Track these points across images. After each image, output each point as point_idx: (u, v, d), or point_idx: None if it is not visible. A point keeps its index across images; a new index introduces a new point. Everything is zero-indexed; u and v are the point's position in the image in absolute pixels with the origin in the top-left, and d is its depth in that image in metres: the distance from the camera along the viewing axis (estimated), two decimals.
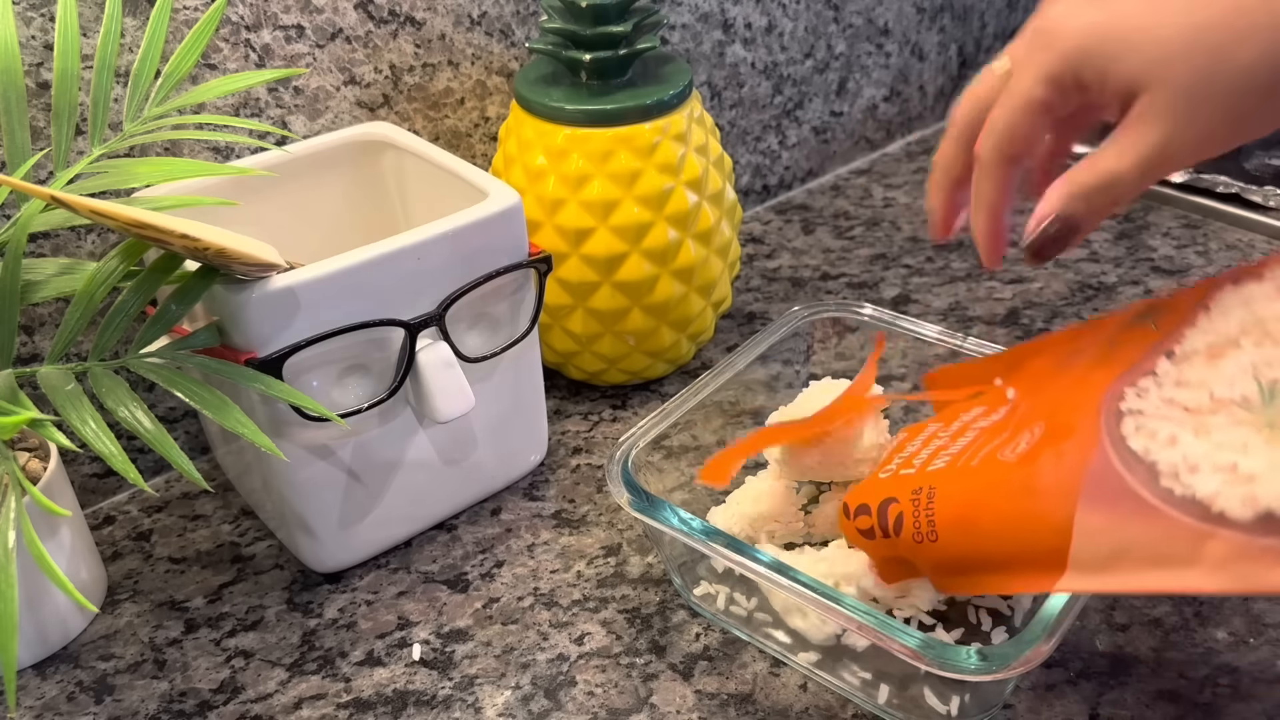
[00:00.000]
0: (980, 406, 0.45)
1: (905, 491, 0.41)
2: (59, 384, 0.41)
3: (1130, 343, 0.39)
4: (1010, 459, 0.38)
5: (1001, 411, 0.43)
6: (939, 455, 0.42)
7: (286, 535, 0.51)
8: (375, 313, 0.46)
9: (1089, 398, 0.37)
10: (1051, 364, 0.43)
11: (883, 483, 0.42)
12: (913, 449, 0.44)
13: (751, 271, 0.75)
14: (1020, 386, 0.44)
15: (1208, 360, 0.35)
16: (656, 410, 0.50)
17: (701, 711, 0.44)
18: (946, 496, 0.39)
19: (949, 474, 0.40)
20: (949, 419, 0.45)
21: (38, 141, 0.50)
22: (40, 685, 0.47)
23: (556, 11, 0.57)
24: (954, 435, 0.43)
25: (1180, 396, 0.35)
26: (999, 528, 0.37)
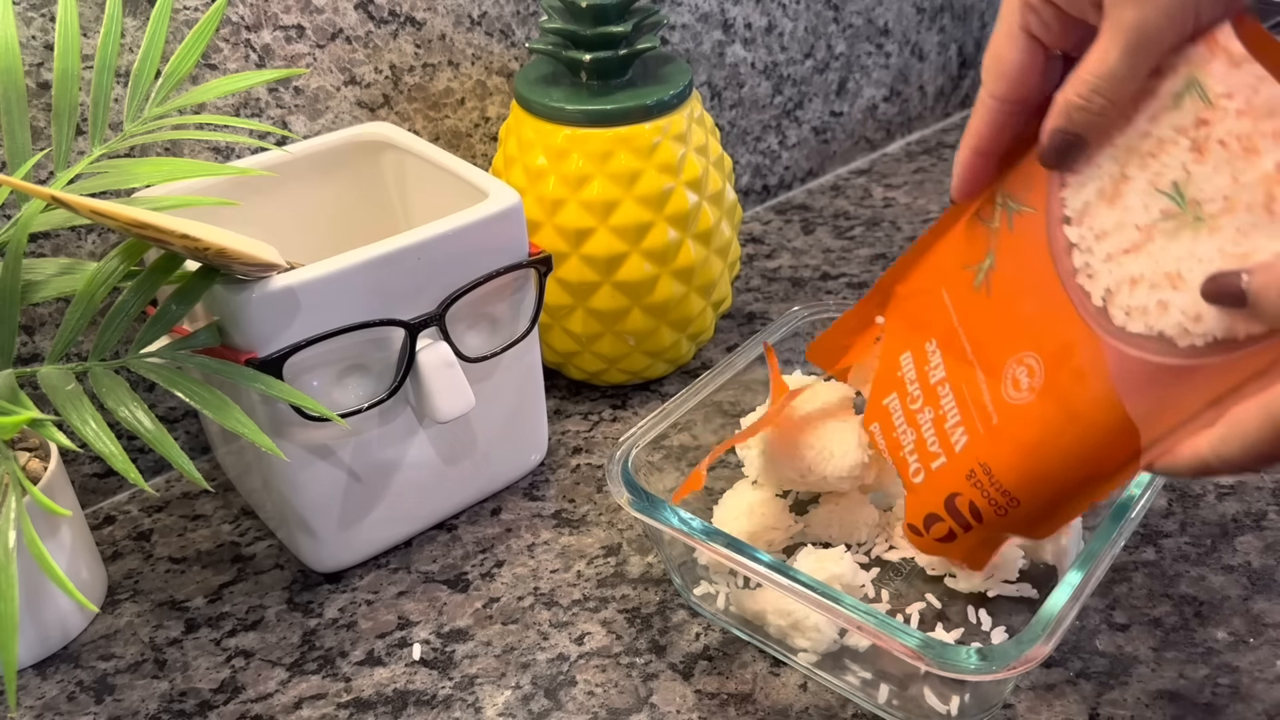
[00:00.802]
0: (907, 361, 0.44)
1: (958, 481, 0.40)
2: (59, 384, 0.41)
3: (1015, 245, 0.39)
4: (1028, 399, 0.38)
5: (935, 354, 0.43)
6: (951, 431, 0.41)
7: (287, 535, 0.52)
8: (375, 313, 0.46)
9: (1058, 310, 0.38)
10: (927, 282, 0.44)
11: (927, 486, 0.42)
12: (912, 440, 0.43)
13: (751, 271, 0.75)
14: (904, 314, 0.45)
15: (1109, 205, 0.36)
16: (656, 410, 0.50)
17: (701, 711, 0.44)
18: (1002, 464, 0.39)
19: (984, 444, 0.40)
20: (897, 391, 0.44)
21: (38, 141, 0.50)
22: (40, 685, 0.47)
23: (556, 11, 0.57)
24: (931, 403, 0.43)
25: (1110, 247, 0.36)
26: (1067, 461, 0.38)
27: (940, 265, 0.44)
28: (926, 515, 0.42)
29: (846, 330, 0.48)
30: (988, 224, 0.41)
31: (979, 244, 0.42)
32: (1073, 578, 0.40)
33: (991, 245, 0.41)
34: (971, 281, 0.42)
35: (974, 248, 0.42)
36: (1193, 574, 0.49)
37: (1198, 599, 0.48)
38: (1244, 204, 0.33)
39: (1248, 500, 0.53)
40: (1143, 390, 0.35)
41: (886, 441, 0.45)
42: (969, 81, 0.97)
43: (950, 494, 0.41)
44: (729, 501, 0.51)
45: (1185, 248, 0.34)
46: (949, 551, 0.42)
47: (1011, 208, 0.40)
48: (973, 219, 0.42)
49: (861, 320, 0.48)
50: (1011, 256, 0.40)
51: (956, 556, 0.43)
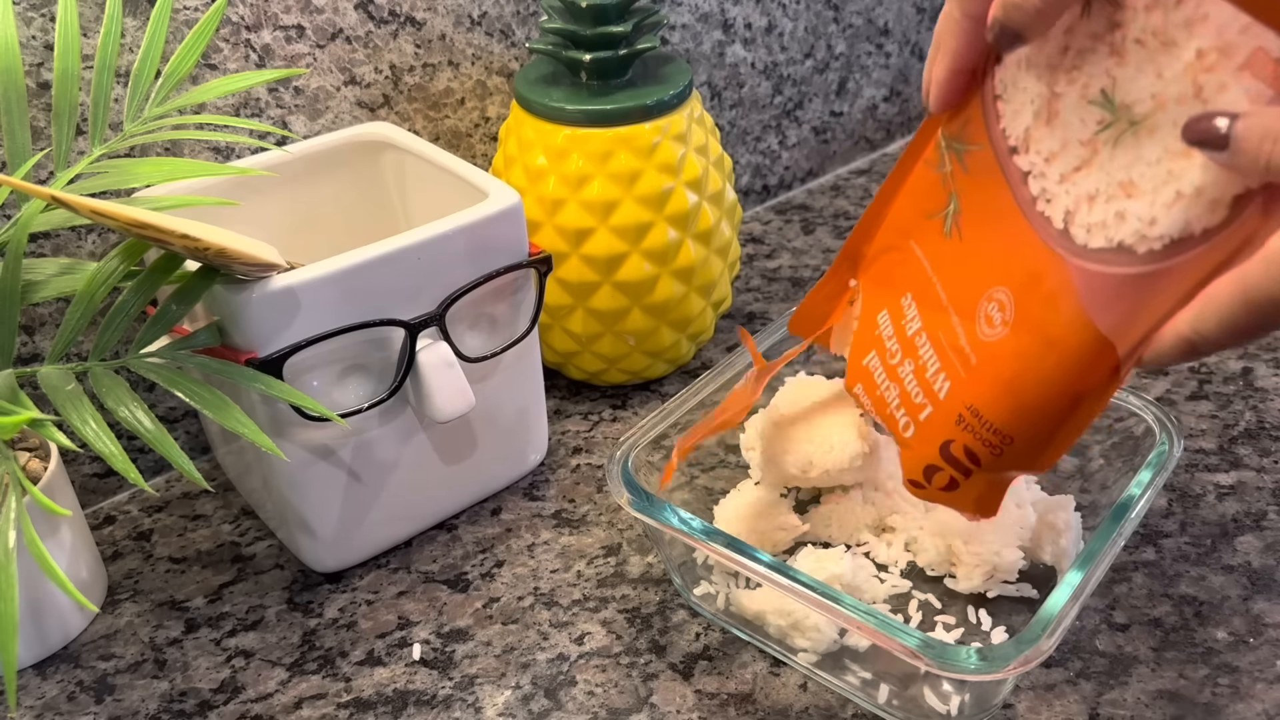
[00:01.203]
0: (884, 319, 0.44)
1: (949, 428, 0.40)
2: (59, 384, 0.41)
3: (974, 184, 0.39)
4: (1002, 333, 0.38)
5: (911, 308, 0.42)
6: (933, 380, 0.41)
7: (287, 535, 0.52)
8: (375, 313, 0.46)
9: (1021, 240, 0.37)
10: (894, 238, 0.44)
11: (919, 439, 0.41)
12: (896, 394, 0.43)
13: (751, 271, 0.75)
14: (876, 273, 0.45)
15: (1048, 126, 0.36)
16: (656, 410, 0.50)
17: (701, 711, 0.44)
18: (988, 403, 0.38)
19: (968, 386, 0.39)
20: (876, 349, 0.44)
21: (38, 141, 0.50)
22: (40, 685, 0.47)
23: (556, 11, 0.57)
24: (909, 354, 0.42)
25: (1062, 168, 0.36)
26: (1049, 389, 0.37)
27: (903, 219, 0.43)
28: (925, 467, 0.41)
29: (821, 298, 0.48)
30: (939, 169, 0.41)
31: (937, 191, 0.41)
32: (1073, 578, 0.40)
33: (951, 188, 0.41)
34: (940, 229, 0.41)
35: (934, 196, 0.41)
36: (1193, 574, 0.49)
37: (1198, 599, 0.48)
38: (1173, 98, 0.32)
39: (1248, 500, 0.53)
40: (1111, 304, 0.35)
41: (871, 400, 0.44)
42: None
43: (943, 441, 0.40)
44: (729, 501, 0.51)
45: (1130, 154, 0.34)
46: (957, 501, 0.41)
47: (958, 148, 0.40)
48: (923, 167, 0.42)
49: (835, 286, 0.47)
50: (973, 196, 0.40)
51: (966, 507, 0.42)
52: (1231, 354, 0.64)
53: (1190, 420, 0.59)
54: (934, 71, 0.40)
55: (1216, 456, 0.56)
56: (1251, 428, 0.58)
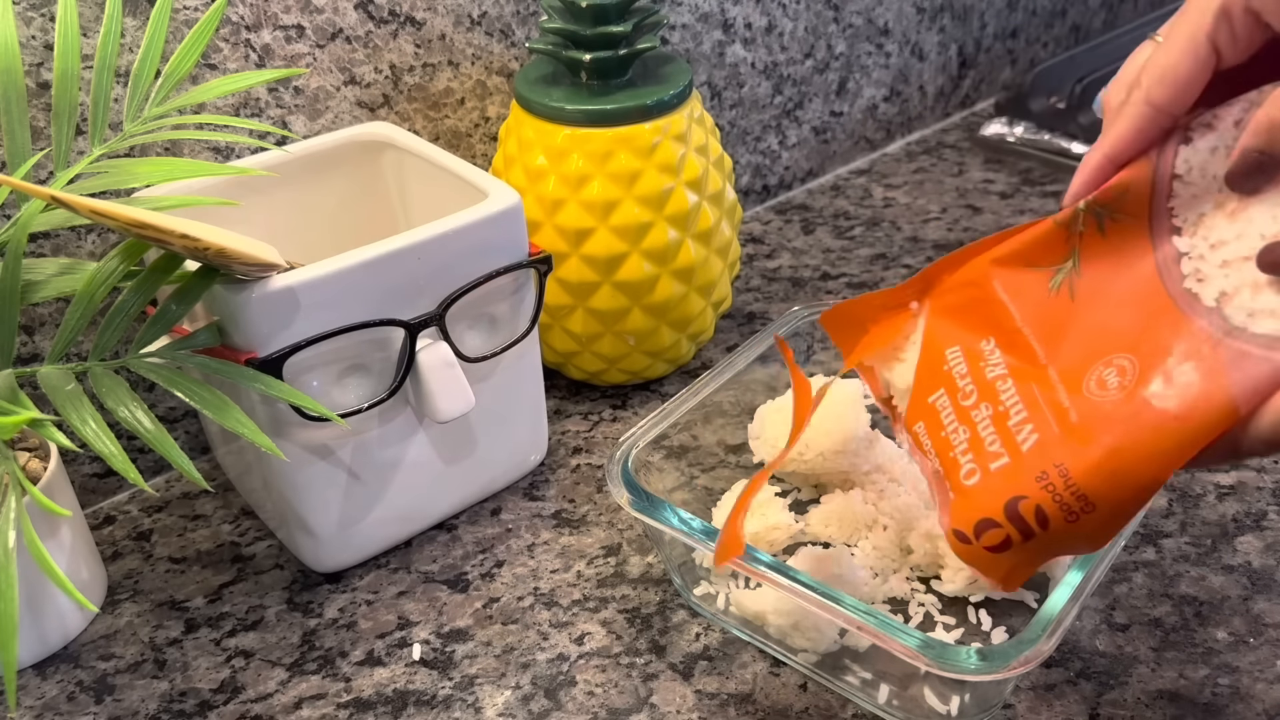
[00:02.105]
0: (956, 356, 0.42)
1: (1025, 484, 0.37)
2: (59, 384, 0.41)
3: (1108, 249, 0.38)
4: (1118, 397, 0.36)
5: (995, 354, 0.41)
6: (1016, 429, 0.39)
7: (286, 535, 0.52)
8: (375, 313, 0.46)
9: (1161, 314, 0.36)
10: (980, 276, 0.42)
11: (983, 489, 0.39)
12: (965, 438, 0.40)
13: (751, 271, 0.75)
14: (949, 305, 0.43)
15: (1229, 217, 0.36)
16: (656, 410, 0.50)
17: (701, 711, 0.44)
18: (1082, 465, 0.36)
19: (1060, 444, 0.37)
20: (945, 387, 0.42)
21: (38, 141, 0.50)
22: (40, 685, 0.47)
23: (556, 11, 0.57)
24: (988, 398, 0.40)
25: (1228, 254, 0.35)
26: (1157, 460, 0.35)
27: (1001, 263, 0.42)
28: (979, 520, 0.38)
29: (874, 306, 0.45)
30: (1069, 228, 0.40)
31: (1056, 246, 0.40)
32: (1073, 578, 0.40)
33: (1074, 248, 0.40)
34: (1045, 282, 0.40)
35: (1051, 250, 0.40)
36: (1193, 574, 0.49)
37: (1198, 599, 0.48)
38: None
39: (1248, 500, 0.53)
40: (1263, 386, 0.34)
41: (934, 442, 0.42)
42: (969, 81, 0.97)
43: (1013, 497, 0.37)
44: (729, 502, 0.51)
45: None
46: (993, 564, 0.39)
47: (1101, 214, 0.39)
48: (1047, 226, 0.41)
49: (894, 300, 0.45)
50: (1101, 261, 0.39)
51: (997, 574, 0.39)
52: None
53: None
54: (1092, 155, 0.37)
55: None
56: None
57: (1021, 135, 0.89)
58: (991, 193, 0.84)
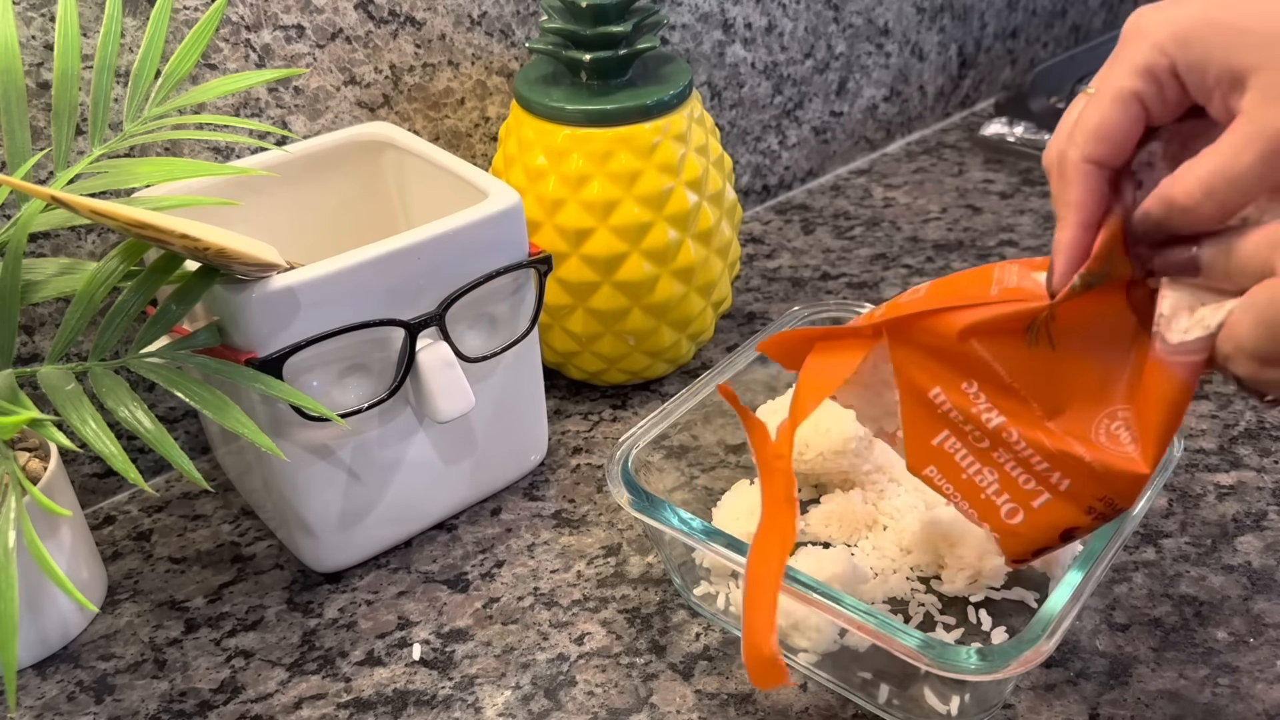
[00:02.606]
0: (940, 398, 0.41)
1: (1075, 516, 0.39)
2: (59, 384, 0.41)
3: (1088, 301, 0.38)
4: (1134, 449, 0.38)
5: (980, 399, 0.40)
6: (1046, 475, 0.39)
7: (286, 535, 0.51)
8: (375, 313, 0.46)
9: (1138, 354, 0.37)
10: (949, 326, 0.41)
11: (1032, 525, 0.40)
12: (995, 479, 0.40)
13: (751, 271, 0.75)
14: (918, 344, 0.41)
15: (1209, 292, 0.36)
16: (657, 410, 0.50)
17: (701, 711, 0.44)
18: (1123, 493, 0.38)
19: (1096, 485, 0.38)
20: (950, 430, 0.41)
21: (38, 141, 0.50)
22: (40, 685, 0.47)
23: (556, 11, 0.57)
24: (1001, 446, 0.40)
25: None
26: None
27: (967, 325, 0.40)
28: (1037, 550, 0.40)
29: (819, 334, 0.44)
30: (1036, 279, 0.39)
31: (1027, 317, 0.39)
32: (1073, 578, 0.40)
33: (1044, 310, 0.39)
34: (1020, 339, 0.39)
35: (1021, 319, 0.40)
36: (1193, 574, 0.49)
37: (1198, 599, 0.48)
38: None
39: (1248, 500, 0.53)
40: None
41: (955, 485, 0.41)
42: (969, 81, 0.97)
43: (1068, 529, 0.39)
44: (729, 501, 0.51)
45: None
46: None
47: (1094, 281, 0.38)
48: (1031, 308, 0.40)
49: (844, 331, 0.44)
50: (1080, 312, 0.38)
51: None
52: None
53: (1190, 420, 0.59)
54: (1062, 234, 0.36)
55: (1217, 456, 0.56)
56: (1251, 428, 0.58)
57: (1021, 135, 0.89)
58: (991, 193, 0.84)
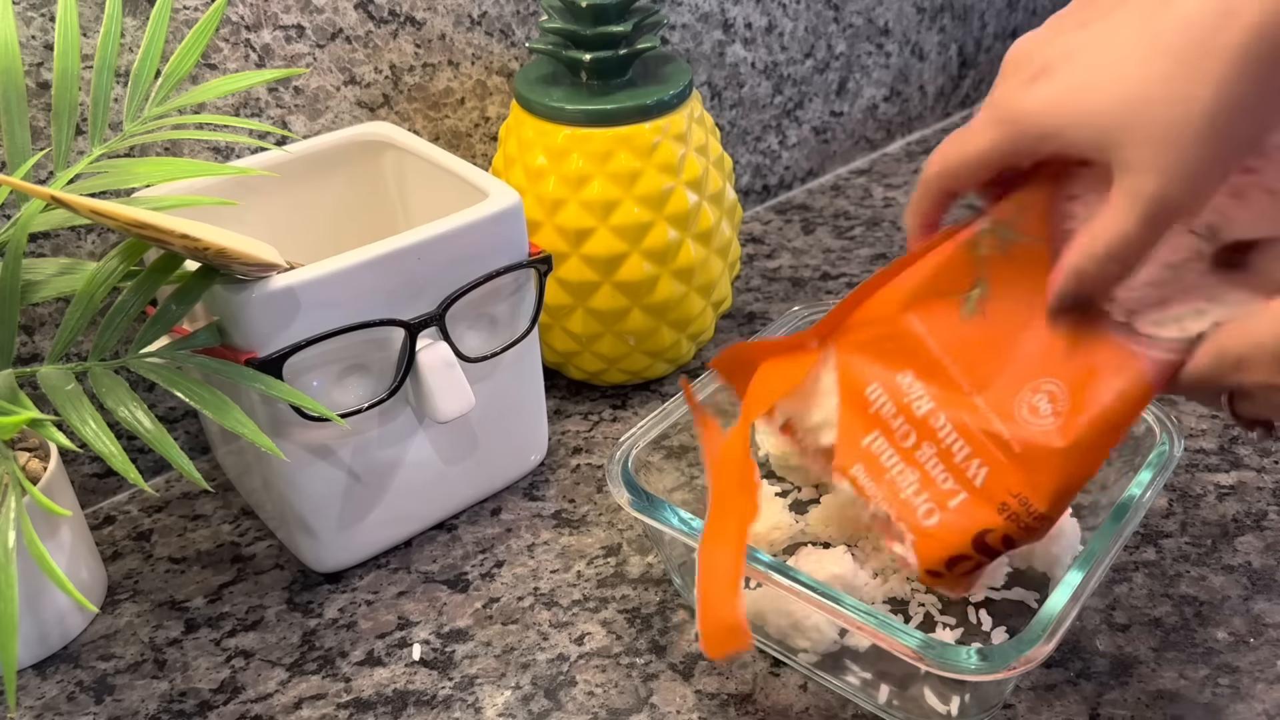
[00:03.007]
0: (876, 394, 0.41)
1: (988, 517, 0.38)
2: (59, 384, 0.41)
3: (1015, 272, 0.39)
4: (1053, 424, 0.38)
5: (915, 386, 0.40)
6: (964, 466, 0.39)
7: (286, 535, 0.51)
8: (375, 313, 0.46)
9: (1076, 334, 0.37)
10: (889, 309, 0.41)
11: (946, 528, 0.39)
12: (915, 480, 0.40)
13: (751, 271, 0.75)
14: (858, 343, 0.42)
15: None
16: (657, 410, 0.50)
17: (701, 711, 0.44)
18: (1040, 492, 0.38)
19: (1012, 473, 0.38)
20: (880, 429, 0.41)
21: (38, 141, 0.50)
22: (40, 685, 0.47)
23: (556, 11, 0.57)
24: (927, 437, 0.40)
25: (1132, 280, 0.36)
26: (1098, 463, 0.38)
27: (908, 292, 0.41)
28: (950, 558, 0.39)
29: (767, 349, 0.45)
30: (973, 251, 0.40)
31: (963, 272, 0.40)
32: (1073, 578, 0.40)
33: (981, 273, 0.40)
34: (956, 309, 0.40)
35: (958, 276, 0.40)
36: (1193, 574, 0.49)
37: (1198, 599, 0.48)
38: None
39: (1248, 500, 0.53)
40: (1172, 369, 0.36)
41: (878, 485, 0.41)
42: (969, 81, 0.97)
43: (980, 531, 0.38)
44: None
45: (1215, 279, 0.35)
46: (962, 584, 0.40)
47: (1006, 235, 0.39)
48: (954, 246, 0.41)
49: (790, 344, 0.44)
50: (1011, 284, 0.39)
51: (964, 589, 0.41)
52: None
53: (1190, 420, 0.59)
54: (908, 220, 0.41)
55: (1217, 456, 0.56)
56: None
57: None
58: None
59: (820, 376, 0.42)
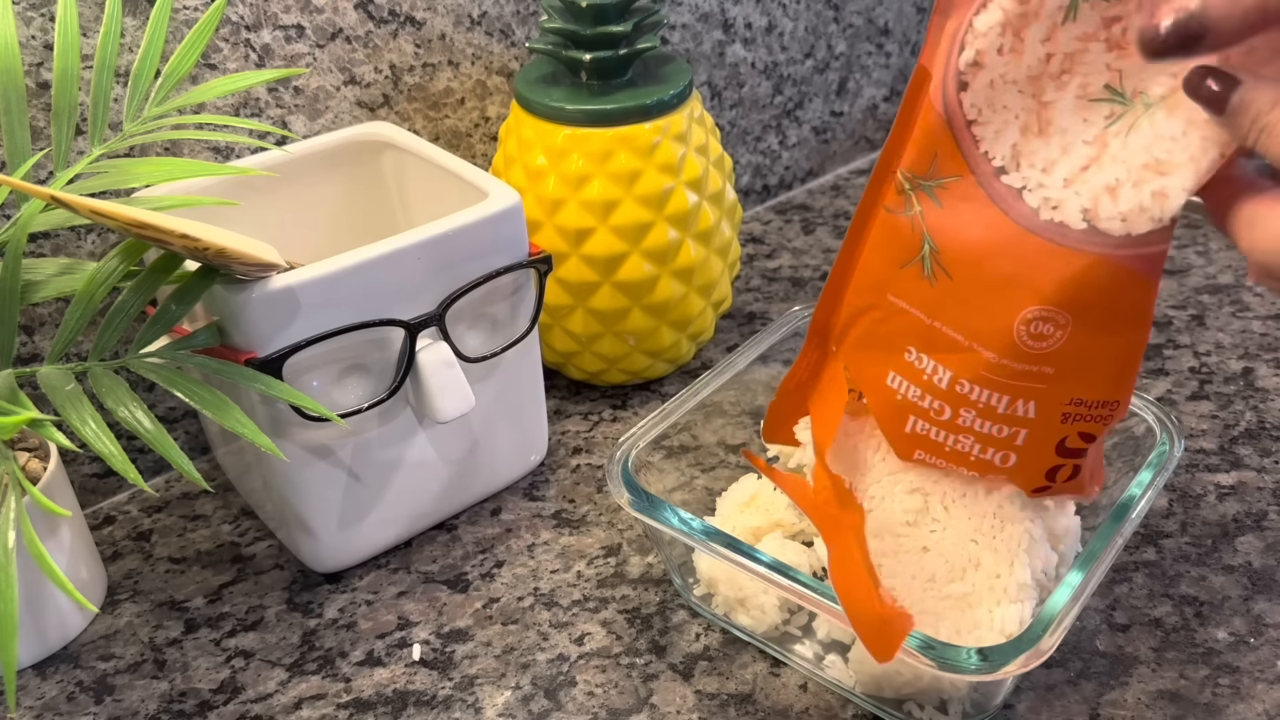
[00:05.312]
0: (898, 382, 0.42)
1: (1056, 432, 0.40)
2: (59, 384, 0.41)
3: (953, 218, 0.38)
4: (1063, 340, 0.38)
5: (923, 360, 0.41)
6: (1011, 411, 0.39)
7: (286, 535, 0.51)
8: (375, 313, 0.46)
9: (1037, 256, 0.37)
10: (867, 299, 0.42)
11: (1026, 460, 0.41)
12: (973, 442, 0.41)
13: (751, 271, 0.75)
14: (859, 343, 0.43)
15: (1039, 136, 0.36)
16: (657, 410, 0.50)
17: (701, 711, 0.44)
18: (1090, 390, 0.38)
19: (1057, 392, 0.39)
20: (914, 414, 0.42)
21: (38, 141, 0.50)
22: (40, 685, 0.47)
23: (556, 11, 0.57)
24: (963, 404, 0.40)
25: (1065, 172, 0.36)
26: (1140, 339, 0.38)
27: (872, 277, 0.42)
28: (1046, 473, 0.41)
29: (794, 387, 0.46)
30: (905, 214, 0.40)
31: (904, 238, 0.40)
32: (1073, 578, 0.40)
33: (922, 230, 0.39)
34: (918, 275, 0.40)
35: (902, 244, 0.40)
36: (1193, 574, 0.49)
37: (1198, 599, 0.48)
38: None
39: (1248, 500, 0.53)
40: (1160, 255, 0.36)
41: (944, 458, 0.42)
42: None
43: (1058, 442, 0.40)
44: (731, 493, 0.51)
45: (1148, 136, 0.34)
46: (1081, 487, 0.42)
47: (928, 186, 0.39)
48: (885, 217, 0.40)
49: (808, 367, 0.45)
50: (952, 232, 0.39)
51: (1086, 489, 0.42)
52: (1232, 354, 0.64)
53: (1191, 420, 0.59)
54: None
55: (1217, 456, 0.56)
56: (1252, 428, 0.58)
57: None
58: None
59: (845, 427, 0.44)
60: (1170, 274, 0.72)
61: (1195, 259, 0.73)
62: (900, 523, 0.43)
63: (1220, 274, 0.71)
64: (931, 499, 0.44)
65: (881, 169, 0.41)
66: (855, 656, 0.43)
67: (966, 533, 0.43)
